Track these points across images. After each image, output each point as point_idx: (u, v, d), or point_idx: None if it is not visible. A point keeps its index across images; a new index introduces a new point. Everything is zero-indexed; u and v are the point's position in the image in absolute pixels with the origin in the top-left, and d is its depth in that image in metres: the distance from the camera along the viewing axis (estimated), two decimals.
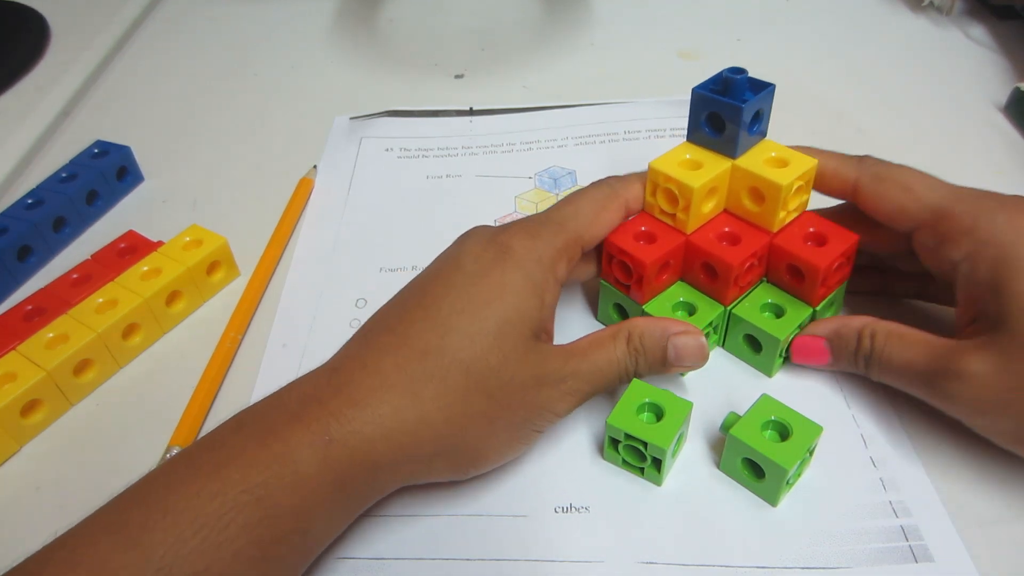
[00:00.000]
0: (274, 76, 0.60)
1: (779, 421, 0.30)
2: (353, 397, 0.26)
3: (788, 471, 0.29)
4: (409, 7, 0.69)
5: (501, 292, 0.29)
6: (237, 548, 0.23)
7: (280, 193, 0.47)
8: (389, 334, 0.29)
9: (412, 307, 0.30)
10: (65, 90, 0.57)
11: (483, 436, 0.28)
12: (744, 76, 0.32)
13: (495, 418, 0.28)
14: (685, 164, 0.34)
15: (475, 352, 0.28)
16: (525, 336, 0.29)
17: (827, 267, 0.32)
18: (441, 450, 0.28)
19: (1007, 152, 0.49)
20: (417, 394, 0.27)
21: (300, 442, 0.25)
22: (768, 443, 0.30)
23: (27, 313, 0.37)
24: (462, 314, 0.28)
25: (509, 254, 0.30)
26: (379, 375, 0.27)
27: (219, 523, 0.23)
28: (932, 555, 0.29)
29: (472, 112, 0.54)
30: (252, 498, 0.24)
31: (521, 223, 0.32)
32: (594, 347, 0.30)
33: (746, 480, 0.31)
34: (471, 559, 0.29)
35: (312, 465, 0.25)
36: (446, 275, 0.30)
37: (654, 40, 0.62)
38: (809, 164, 0.33)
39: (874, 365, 0.32)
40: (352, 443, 0.26)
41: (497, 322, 0.28)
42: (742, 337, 0.35)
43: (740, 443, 0.30)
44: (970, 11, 0.64)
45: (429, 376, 0.27)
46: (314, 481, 0.25)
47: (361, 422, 0.26)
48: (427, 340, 0.28)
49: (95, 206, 0.47)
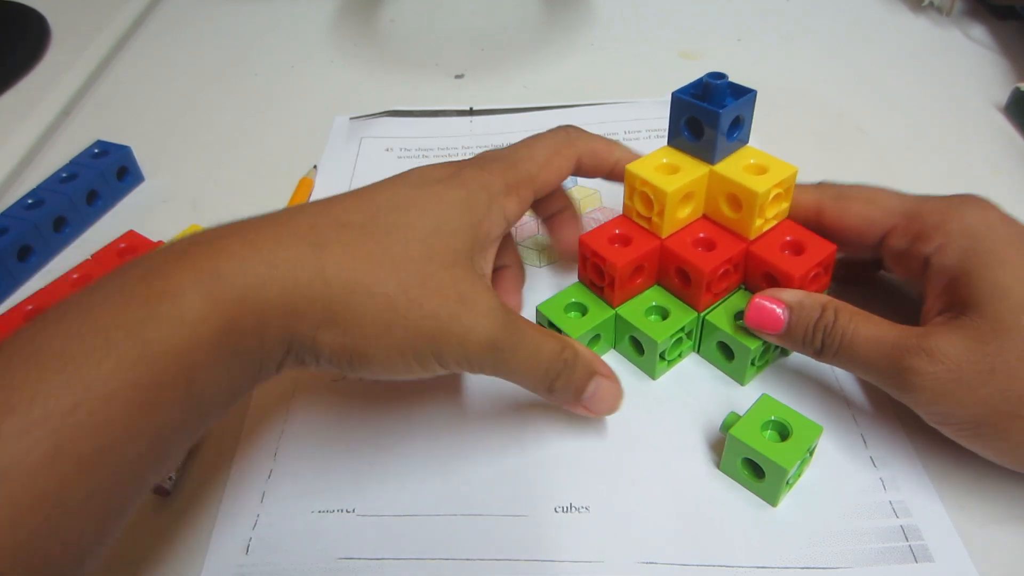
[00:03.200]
0: (274, 76, 0.60)
1: (779, 421, 0.30)
2: (252, 240, 0.25)
3: (788, 471, 0.29)
4: (409, 7, 0.69)
5: (439, 202, 0.28)
6: (112, 388, 0.21)
7: (280, 193, 0.47)
8: (313, 204, 0.28)
9: (346, 193, 0.29)
10: (65, 90, 0.57)
11: (380, 325, 0.26)
12: (724, 81, 0.32)
13: (400, 311, 0.26)
14: (662, 168, 0.34)
15: (397, 239, 0.27)
16: (456, 247, 0.28)
17: (802, 276, 0.32)
18: (332, 318, 0.25)
19: (1007, 152, 0.49)
20: (323, 249, 0.25)
21: (184, 279, 0.23)
22: (768, 443, 0.30)
23: (27, 313, 0.37)
24: (394, 208, 0.28)
25: (455, 177, 0.30)
26: (286, 226, 0.26)
27: (88, 359, 0.21)
28: (932, 555, 0.29)
29: (472, 112, 0.54)
30: (127, 335, 0.22)
31: (472, 159, 0.32)
32: (535, 330, 0.29)
33: (746, 480, 0.31)
34: (471, 559, 0.29)
35: (196, 303, 0.23)
36: (389, 181, 0.30)
37: (654, 40, 0.62)
38: (788, 172, 0.33)
39: (832, 343, 0.30)
40: (242, 281, 0.24)
41: (429, 222, 0.28)
42: (715, 344, 0.35)
43: (740, 443, 0.30)
44: (970, 11, 0.64)
45: (341, 241, 0.26)
46: (197, 321, 0.23)
47: (255, 261, 0.24)
48: (351, 216, 0.27)
49: (95, 206, 0.47)
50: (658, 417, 0.34)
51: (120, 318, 0.22)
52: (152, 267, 0.24)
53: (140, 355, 0.22)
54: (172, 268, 0.24)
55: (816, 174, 0.36)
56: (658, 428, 0.33)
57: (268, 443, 0.33)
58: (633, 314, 0.34)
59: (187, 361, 0.23)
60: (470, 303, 0.27)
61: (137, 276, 0.24)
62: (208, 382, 0.24)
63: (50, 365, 0.21)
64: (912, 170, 0.48)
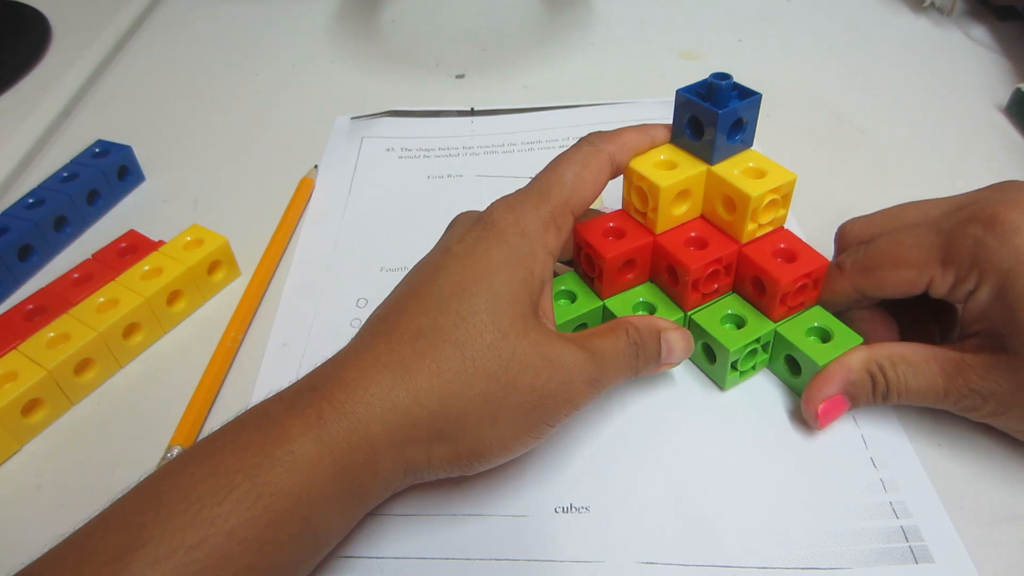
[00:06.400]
0: (275, 76, 0.60)
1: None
2: (344, 380, 0.26)
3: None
4: (410, 7, 0.69)
5: (488, 268, 0.28)
6: (232, 526, 0.22)
7: (281, 193, 0.47)
8: (381, 322, 0.29)
9: (403, 295, 0.29)
10: (66, 89, 0.57)
11: (485, 421, 0.27)
12: (729, 82, 0.31)
13: (498, 401, 0.27)
14: (660, 164, 0.34)
15: (469, 331, 0.27)
16: (521, 312, 0.28)
17: (788, 282, 0.32)
18: (439, 433, 0.26)
19: (1007, 152, 0.49)
20: (410, 373, 0.26)
21: (295, 426, 0.25)
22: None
23: (28, 312, 0.37)
24: (452, 295, 0.28)
25: (491, 229, 0.30)
26: (370, 357, 0.27)
27: (211, 500, 0.23)
28: (932, 556, 0.29)
29: (473, 112, 0.54)
30: (245, 477, 0.23)
31: (505, 197, 0.32)
32: (600, 337, 0.30)
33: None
34: (471, 559, 0.29)
35: (308, 446, 0.24)
36: (434, 260, 0.30)
37: (654, 40, 0.62)
38: (786, 178, 0.32)
39: (892, 397, 0.31)
40: (346, 424, 0.25)
41: (488, 298, 0.28)
42: (700, 345, 0.35)
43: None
44: (971, 12, 0.64)
45: (421, 355, 0.27)
46: (312, 463, 0.24)
47: (353, 403, 0.25)
48: (419, 323, 0.27)
49: (96, 206, 0.47)
50: (658, 416, 0.34)
51: (239, 463, 0.24)
52: (267, 415, 0.26)
53: (259, 495, 0.23)
54: (284, 416, 0.25)
55: (816, 174, 0.36)
56: (658, 426, 0.33)
57: None
58: (620, 307, 0.35)
59: (304, 501, 0.24)
60: (556, 361, 0.28)
61: (254, 426, 0.25)
62: (324, 518, 0.25)
63: (176, 507, 0.23)
64: (912, 170, 0.48)
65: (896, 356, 0.31)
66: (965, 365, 0.30)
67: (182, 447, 0.33)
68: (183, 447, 0.33)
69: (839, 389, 0.32)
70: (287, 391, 0.27)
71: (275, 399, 0.27)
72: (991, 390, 0.29)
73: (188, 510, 0.22)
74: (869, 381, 0.31)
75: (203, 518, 0.22)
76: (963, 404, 0.30)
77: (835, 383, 0.32)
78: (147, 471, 0.25)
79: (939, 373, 0.30)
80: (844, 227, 0.35)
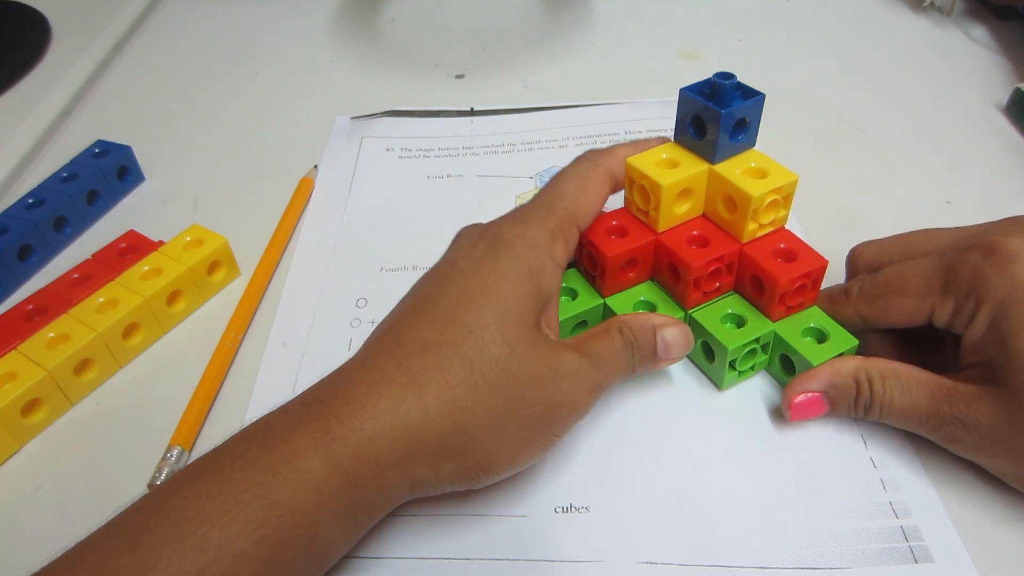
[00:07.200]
0: (275, 76, 0.60)
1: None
2: (351, 395, 0.26)
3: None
4: (410, 7, 0.69)
5: (496, 281, 0.28)
6: (240, 548, 0.23)
7: (281, 193, 0.47)
8: (387, 335, 0.29)
9: (409, 308, 0.29)
10: (66, 89, 0.57)
11: (493, 435, 0.27)
12: (733, 82, 0.31)
13: (507, 414, 0.27)
14: (662, 163, 0.34)
15: (476, 344, 0.27)
16: (528, 324, 0.28)
17: (787, 281, 0.32)
18: (447, 449, 0.26)
19: (1007, 152, 0.49)
20: (418, 388, 0.26)
21: (302, 442, 0.25)
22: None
23: (28, 313, 0.37)
24: (459, 308, 0.28)
25: (500, 242, 0.30)
26: (378, 372, 0.27)
27: (220, 520, 0.23)
28: (932, 556, 0.29)
29: (473, 112, 0.54)
30: (254, 496, 0.23)
31: (510, 213, 0.32)
32: (596, 340, 0.30)
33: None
34: (471, 559, 0.29)
35: (316, 463, 0.24)
36: (441, 273, 0.30)
37: (654, 40, 0.62)
38: (787, 179, 0.32)
39: (874, 411, 0.31)
40: (354, 440, 0.25)
41: (496, 311, 0.28)
42: (700, 344, 0.35)
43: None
44: (971, 11, 0.64)
45: (429, 370, 0.26)
46: (320, 481, 0.24)
47: (361, 419, 0.25)
48: (426, 336, 0.27)
49: (96, 206, 0.47)
50: (658, 417, 0.34)
51: (247, 480, 0.24)
52: (273, 430, 0.26)
53: (267, 516, 0.23)
54: (291, 431, 0.25)
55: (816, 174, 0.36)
56: (658, 427, 0.33)
57: None
58: (621, 305, 0.35)
59: (311, 518, 0.24)
60: (562, 371, 0.28)
61: (260, 440, 0.25)
62: (330, 534, 0.25)
63: (185, 525, 0.23)
64: (912, 170, 0.48)
65: (887, 371, 0.31)
66: (954, 393, 0.29)
67: (182, 447, 0.33)
68: (183, 447, 0.33)
69: (822, 388, 0.32)
70: (292, 404, 0.27)
71: (280, 412, 0.27)
72: (975, 421, 0.29)
73: (197, 531, 0.22)
74: (854, 388, 0.31)
75: (211, 540, 0.22)
76: (945, 432, 0.30)
77: (819, 381, 0.32)
78: (148, 473, 0.25)
79: (926, 396, 0.30)
80: (855, 251, 0.35)
